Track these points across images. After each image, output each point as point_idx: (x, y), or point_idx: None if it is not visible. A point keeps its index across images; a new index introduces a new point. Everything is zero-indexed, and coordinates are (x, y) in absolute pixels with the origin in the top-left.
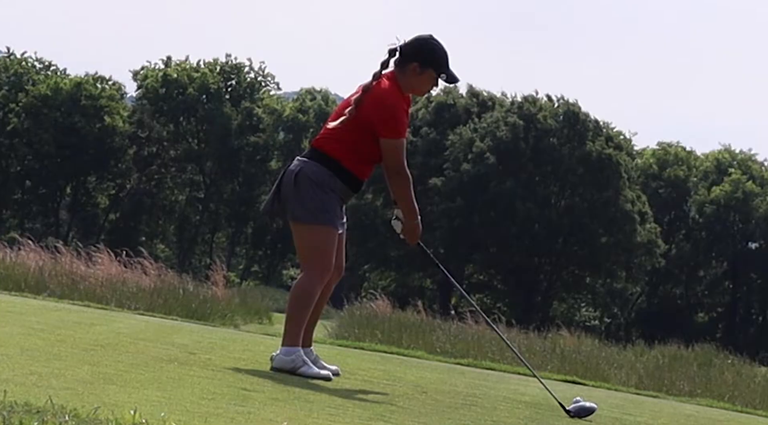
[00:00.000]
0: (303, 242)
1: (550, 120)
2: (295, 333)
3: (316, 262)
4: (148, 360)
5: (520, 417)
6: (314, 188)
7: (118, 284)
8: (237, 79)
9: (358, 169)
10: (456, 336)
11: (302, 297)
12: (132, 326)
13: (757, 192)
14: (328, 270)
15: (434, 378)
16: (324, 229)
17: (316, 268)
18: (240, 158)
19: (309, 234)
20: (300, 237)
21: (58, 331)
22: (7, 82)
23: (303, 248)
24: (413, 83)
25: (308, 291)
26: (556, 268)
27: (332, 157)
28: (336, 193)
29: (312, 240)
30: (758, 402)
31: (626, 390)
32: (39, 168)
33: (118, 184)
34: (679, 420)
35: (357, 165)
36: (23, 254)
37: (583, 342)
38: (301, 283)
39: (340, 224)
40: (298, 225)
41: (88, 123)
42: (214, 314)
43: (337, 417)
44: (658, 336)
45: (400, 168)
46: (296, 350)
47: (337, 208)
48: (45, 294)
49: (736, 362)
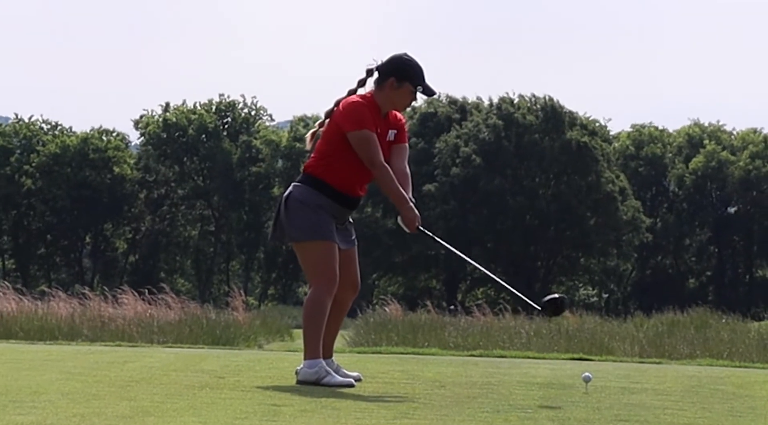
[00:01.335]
0: (304, 260)
1: (529, 116)
2: (314, 345)
3: (320, 276)
4: (181, 389)
5: (535, 398)
6: (302, 207)
7: (145, 321)
8: (232, 116)
9: (342, 183)
10: (466, 329)
11: (313, 311)
12: (162, 359)
13: (731, 160)
14: (333, 281)
15: (450, 372)
16: (319, 244)
17: (322, 281)
18: (244, 189)
19: (306, 251)
20: (300, 256)
21: (94, 372)
22: (18, 145)
23: (305, 265)
24: (392, 98)
25: (318, 304)
26: (551, 254)
27: (315, 176)
28: (324, 209)
29: (310, 257)
30: (755, 356)
31: (630, 360)
32: (57, 222)
33: (133, 227)
34: (683, 382)
35: (340, 179)
36: (54, 304)
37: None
38: (311, 298)
39: (343, 239)
40: (296, 246)
41: (98, 175)
42: (238, 338)
43: (363, 421)
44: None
45: (372, 160)
46: (318, 362)
47: (330, 223)
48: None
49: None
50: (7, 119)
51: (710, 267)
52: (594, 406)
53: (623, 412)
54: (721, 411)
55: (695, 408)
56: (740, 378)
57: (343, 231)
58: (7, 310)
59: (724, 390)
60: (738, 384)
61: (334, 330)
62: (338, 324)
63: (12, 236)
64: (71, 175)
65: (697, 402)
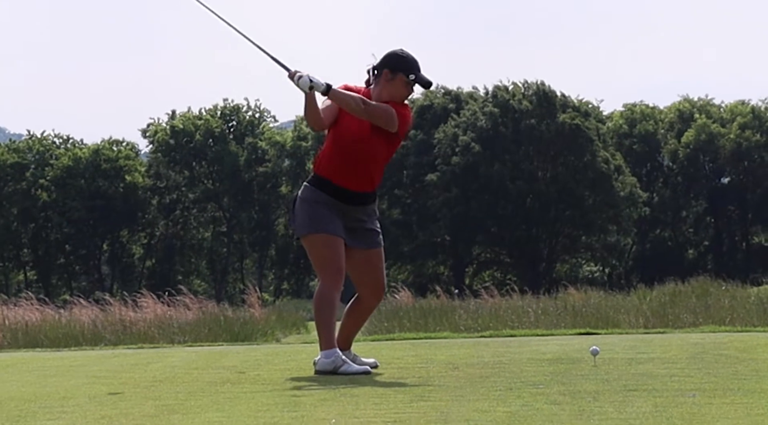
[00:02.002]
0: (309, 254)
1: (524, 102)
2: (328, 336)
3: (324, 269)
4: (204, 385)
5: (546, 374)
6: (302, 204)
7: (165, 322)
8: (237, 119)
9: (340, 177)
10: (475, 312)
11: (322, 303)
12: (184, 358)
13: (722, 132)
14: (337, 273)
15: (462, 353)
16: (318, 237)
17: (327, 274)
18: (253, 189)
19: (309, 245)
20: (306, 250)
21: (119, 375)
22: (32, 160)
23: (311, 259)
24: (388, 89)
25: (325, 296)
26: (553, 234)
27: (317, 174)
28: (323, 205)
29: (313, 250)
30: (755, 320)
31: (636, 331)
32: (75, 232)
33: (148, 232)
34: (687, 350)
35: (337, 173)
36: (76, 312)
37: (590, 296)
38: (318, 291)
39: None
40: (301, 241)
41: (111, 184)
42: (256, 333)
43: (381, 406)
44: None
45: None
46: (334, 351)
47: (328, 217)
48: (102, 344)
49: (729, 288)
50: (20, 136)
51: (708, 237)
52: (603, 378)
53: (631, 382)
54: (726, 375)
55: (701, 373)
56: (743, 342)
57: (360, 231)
58: (31, 320)
59: (727, 354)
60: (741, 348)
61: (355, 327)
62: (361, 323)
63: (32, 248)
64: (85, 185)
65: (703, 368)
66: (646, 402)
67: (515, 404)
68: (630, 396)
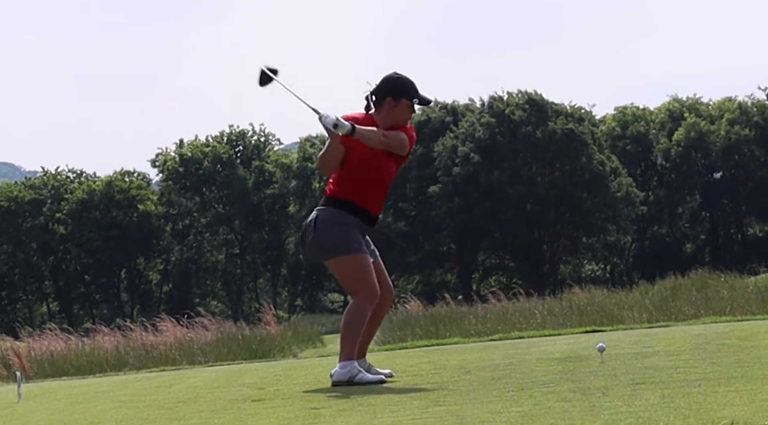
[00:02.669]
0: (342, 274)
1: (518, 111)
2: (350, 349)
3: (360, 288)
4: (226, 404)
5: (555, 373)
6: (331, 227)
7: (185, 344)
8: (243, 144)
9: (361, 198)
10: (484, 316)
11: (354, 319)
12: (205, 378)
13: (711, 129)
14: (374, 290)
15: (474, 357)
16: (353, 257)
17: (362, 293)
18: (262, 211)
19: (344, 266)
20: (338, 272)
21: (144, 398)
22: (48, 196)
23: (345, 279)
24: (394, 114)
25: (360, 313)
26: (554, 237)
27: (337, 197)
28: (351, 226)
29: (349, 271)
30: (755, 308)
31: (640, 326)
32: (93, 262)
33: (163, 258)
34: (690, 341)
35: (359, 196)
36: (99, 339)
37: (594, 294)
38: (351, 309)
39: (370, 253)
40: (332, 263)
41: (125, 214)
42: (273, 349)
43: (398, 413)
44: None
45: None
46: (351, 363)
47: (359, 236)
48: (125, 369)
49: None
50: (35, 173)
51: (704, 231)
52: (611, 373)
53: (638, 376)
54: (729, 364)
55: (705, 363)
56: (744, 331)
57: (366, 245)
58: (57, 350)
59: (729, 344)
60: (742, 337)
61: (371, 333)
62: (374, 331)
63: (53, 280)
64: (100, 217)
65: (706, 358)
66: (653, 395)
67: (528, 403)
68: (638, 389)
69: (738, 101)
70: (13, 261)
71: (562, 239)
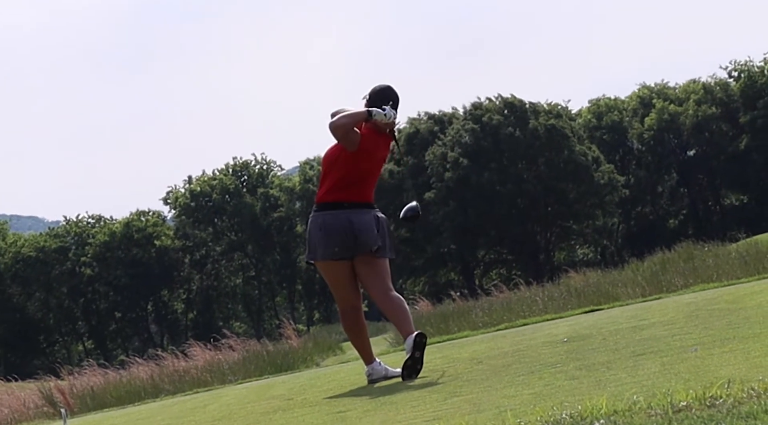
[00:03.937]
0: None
1: (496, 116)
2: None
3: None
4: (258, 417)
5: (561, 354)
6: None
7: (215, 366)
8: (248, 173)
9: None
10: (489, 308)
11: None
12: (236, 395)
13: (680, 110)
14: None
15: (484, 348)
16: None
17: None
18: (272, 233)
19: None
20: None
21: (181, 420)
22: (72, 242)
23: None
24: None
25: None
26: (546, 227)
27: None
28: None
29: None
30: (739, 272)
31: (635, 301)
32: (121, 299)
33: (185, 288)
34: (683, 310)
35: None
36: (134, 370)
37: (589, 276)
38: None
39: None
40: (383, 261)
41: (145, 251)
42: (297, 361)
43: (419, 407)
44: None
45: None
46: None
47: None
48: (162, 395)
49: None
50: (58, 222)
51: (684, 206)
52: (612, 348)
53: (639, 348)
54: (721, 327)
55: (698, 329)
56: (731, 295)
57: None
58: (96, 384)
59: (719, 308)
60: (730, 300)
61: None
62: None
63: (85, 320)
64: (123, 256)
65: (699, 324)
66: (654, 363)
67: (538, 385)
68: (639, 360)
69: (702, 82)
70: (46, 306)
71: (554, 228)
